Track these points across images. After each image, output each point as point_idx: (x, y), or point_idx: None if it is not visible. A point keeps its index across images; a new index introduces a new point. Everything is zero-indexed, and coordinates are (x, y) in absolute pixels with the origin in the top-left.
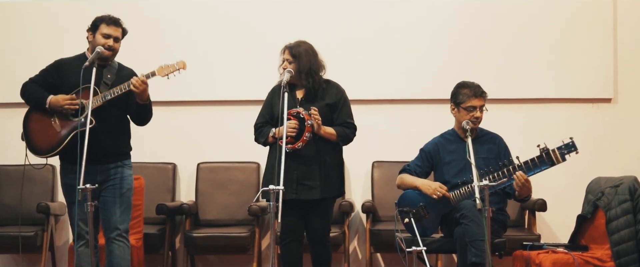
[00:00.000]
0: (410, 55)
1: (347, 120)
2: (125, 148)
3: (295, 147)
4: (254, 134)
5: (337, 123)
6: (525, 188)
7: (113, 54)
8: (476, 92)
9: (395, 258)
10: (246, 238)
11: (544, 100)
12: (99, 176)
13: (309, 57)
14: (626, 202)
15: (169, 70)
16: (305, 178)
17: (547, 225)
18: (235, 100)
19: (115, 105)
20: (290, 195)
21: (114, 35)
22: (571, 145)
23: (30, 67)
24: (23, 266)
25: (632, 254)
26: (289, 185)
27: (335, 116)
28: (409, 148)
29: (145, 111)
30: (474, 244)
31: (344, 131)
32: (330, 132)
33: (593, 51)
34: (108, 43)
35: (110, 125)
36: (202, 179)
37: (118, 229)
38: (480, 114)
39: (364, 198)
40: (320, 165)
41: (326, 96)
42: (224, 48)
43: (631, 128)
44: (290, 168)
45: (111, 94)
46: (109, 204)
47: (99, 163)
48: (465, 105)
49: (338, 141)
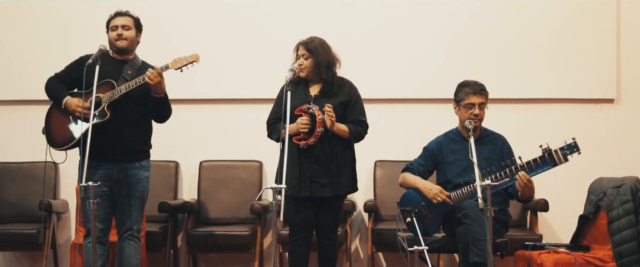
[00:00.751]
0: (413, 54)
1: (360, 118)
2: (143, 146)
3: (309, 143)
4: (267, 130)
5: (349, 120)
6: (528, 188)
7: (129, 42)
8: (475, 89)
9: (397, 257)
10: (248, 236)
11: (545, 100)
12: (117, 174)
13: (324, 51)
14: (628, 203)
15: (182, 63)
16: (318, 176)
17: (549, 225)
18: (237, 98)
19: (133, 101)
20: (303, 192)
21: (121, 24)
22: (573, 145)
23: (32, 65)
24: (25, 263)
25: (634, 254)
26: (302, 183)
27: (348, 113)
28: (412, 147)
29: (160, 106)
30: (476, 243)
31: (356, 129)
32: (343, 129)
33: (595, 51)
34: (117, 33)
35: (129, 121)
36: (205, 177)
37: (131, 229)
38: (480, 112)
39: (366, 197)
40: (333, 163)
41: (340, 93)
42: (225, 46)
43: (633, 128)
44: (304, 166)
45: (126, 88)
46: (124, 204)
47: (118, 161)
48: (464, 102)
49: (350, 139)
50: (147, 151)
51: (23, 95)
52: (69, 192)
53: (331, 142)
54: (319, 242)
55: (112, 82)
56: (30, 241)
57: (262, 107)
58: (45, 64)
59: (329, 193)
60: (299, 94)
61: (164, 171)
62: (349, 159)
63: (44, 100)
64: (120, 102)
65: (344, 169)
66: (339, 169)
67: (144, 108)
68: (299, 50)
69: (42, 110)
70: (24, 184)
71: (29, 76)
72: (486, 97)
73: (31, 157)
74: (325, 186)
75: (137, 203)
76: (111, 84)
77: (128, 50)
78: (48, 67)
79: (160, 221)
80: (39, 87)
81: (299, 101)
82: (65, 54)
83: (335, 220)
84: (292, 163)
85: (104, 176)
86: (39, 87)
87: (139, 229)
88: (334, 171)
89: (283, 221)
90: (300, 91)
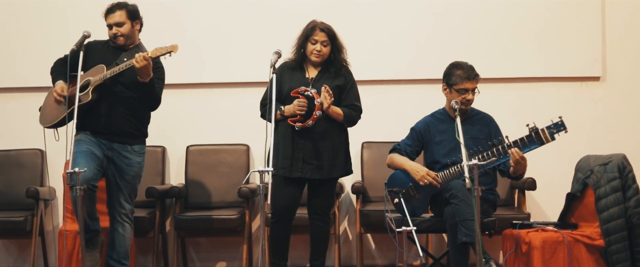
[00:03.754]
0: (399, 34)
1: (355, 102)
2: (136, 131)
3: (306, 125)
4: (260, 110)
5: (344, 104)
6: (520, 165)
7: (125, 38)
8: (469, 75)
9: (386, 238)
10: (236, 220)
11: (532, 79)
12: (108, 151)
13: (339, 38)
14: (615, 180)
15: (160, 52)
16: (312, 157)
17: (537, 204)
18: (223, 82)
19: (128, 87)
20: (295, 173)
21: (113, 22)
22: (560, 124)
23: (17, 53)
24: (13, 251)
25: (621, 231)
26: (295, 163)
27: (343, 97)
28: (399, 128)
29: (146, 91)
30: (464, 223)
31: (351, 113)
32: (338, 112)
33: (581, 29)
34: (113, 32)
35: (119, 102)
36: (192, 161)
37: (123, 210)
38: (472, 96)
39: (353, 179)
40: (328, 145)
41: (338, 77)
42: (212, 30)
43: (620, 106)
44: (298, 146)
45: (112, 72)
46: (114, 186)
47: (107, 139)
48: (458, 87)
49: (343, 122)
50: (141, 136)
51: (7, 83)
52: (57, 179)
53: (326, 125)
54: (311, 224)
55: (103, 67)
56: (18, 228)
57: (248, 90)
58: (32, 52)
59: (322, 175)
60: (297, 76)
61: (151, 156)
62: (343, 142)
63: (30, 88)
64: (108, 85)
65: (338, 152)
66: (335, 151)
67: (136, 92)
68: (316, 35)
69: (27, 97)
70: (11, 171)
71: (15, 64)
72: (478, 80)
73: (18, 145)
74: (318, 168)
75: (127, 186)
76: (102, 69)
77: (127, 44)
78: (35, 55)
79: (148, 206)
80: (24, 74)
81: (296, 83)
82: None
83: (329, 202)
84: (286, 143)
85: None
86: (24, 75)
87: (131, 211)
88: (330, 154)
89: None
90: (297, 73)
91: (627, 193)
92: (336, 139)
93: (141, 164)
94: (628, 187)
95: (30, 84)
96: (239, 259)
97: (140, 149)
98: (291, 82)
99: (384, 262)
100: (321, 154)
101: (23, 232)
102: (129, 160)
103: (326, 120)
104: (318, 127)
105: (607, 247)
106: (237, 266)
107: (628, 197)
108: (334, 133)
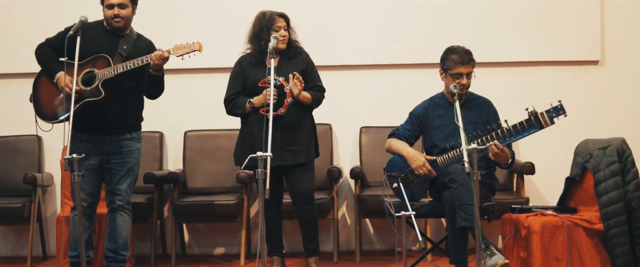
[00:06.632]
0: (397, 19)
1: (317, 83)
2: (135, 120)
3: (279, 113)
4: (227, 107)
5: (308, 87)
6: (501, 157)
7: (124, 21)
8: (464, 59)
9: (384, 223)
10: (234, 205)
11: (531, 63)
12: (107, 146)
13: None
14: (614, 164)
15: (183, 50)
16: (290, 144)
17: (536, 188)
18: (220, 67)
19: (129, 77)
20: (276, 162)
21: (117, 2)
22: (559, 108)
23: (13, 38)
24: (11, 237)
25: (621, 215)
26: (274, 152)
27: (306, 80)
28: (397, 113)
29: (155, 84)
30: (463, 208)
31: (317, 95)
32: (307, 96)
33: (580, 12)
34: (113, 12)
35: (122, 96)
36: (190, 147)
37: (122, 200)
38: (468, 81)
39: (352, 164)
40: (303, 129)
41: (298, 62)
42: (208, 16)
43: (619, 90)
44: (274, 135)
45: (124, 67)
46: (115, 176)
47: (108, 133)
48: (452, 72)
49: (311, 105)
50: (139, 123)
51: (4, 69)
52: (54, 165)
53: (298, 110)
54: (298, 209)
55: (108, 58)
56: (15, 214)
57: None
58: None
59: (302, 159)
60: (260, 68)
61: (149, 141)
62: (312, 125)
63: (26, 74)
64: (115, 79)
65: (311, 135)
66: (309, 135)
67: (137, 82)
68: (277, 23)
69: (24, 83)
70: (8, 157)
71: (11, 50)
72: (474, 65)
73: (15, 131)
74: (298, 153)
75: (128, 174)
76: (106, 60)
77: (123, 29)
78: (32, 41)
79: (146, 191)
80: (20, 60)
81: (261, 75)
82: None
83: (311, 185)
84: (261, 134)
85: (94, 149)
86: (20, 61)
87: (129, 201)
88: (304, 138)
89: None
90: (259, 65)
91: (627, 177)
92: (309, 122)
93: (140, 151)
94: (627, 171)
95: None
96: (237, 244)
97: (138, 136)
98: (257, 74)
99: (383, 247)
100: (297, 140)
101: (21, 218)
102: (129, 148)
103: (296, 105)
104: (291, 113)
105: (606, 231)
106: (235, 251)
107: (627, 181)
108: (305, 117)
